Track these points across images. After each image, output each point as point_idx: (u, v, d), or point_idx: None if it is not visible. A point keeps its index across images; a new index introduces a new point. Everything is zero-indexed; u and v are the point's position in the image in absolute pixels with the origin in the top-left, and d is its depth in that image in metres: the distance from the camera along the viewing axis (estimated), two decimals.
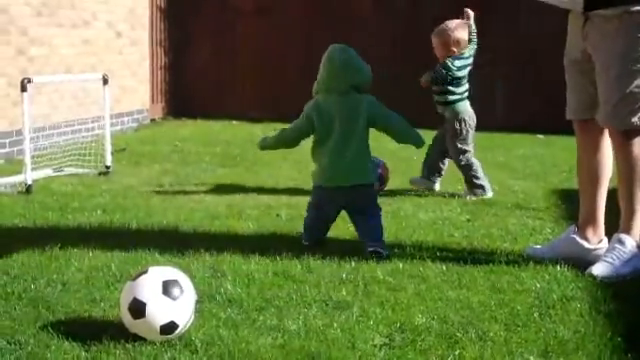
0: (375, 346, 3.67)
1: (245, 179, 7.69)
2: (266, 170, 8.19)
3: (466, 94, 7.01)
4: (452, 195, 6.96)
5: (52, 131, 8.94)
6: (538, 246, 5.21)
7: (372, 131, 5.22)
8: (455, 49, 6.83)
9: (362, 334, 3.78)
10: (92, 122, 9.79)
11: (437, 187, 7.14)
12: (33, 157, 7.33)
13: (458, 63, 6.84)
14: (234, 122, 12.24)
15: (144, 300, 3.57)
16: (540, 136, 10.93)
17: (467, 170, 6.89)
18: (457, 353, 3.57)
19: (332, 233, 5.58)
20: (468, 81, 6.99)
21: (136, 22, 11.75)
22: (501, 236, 5.61)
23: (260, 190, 7.14)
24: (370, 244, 4.97)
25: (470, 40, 6.91)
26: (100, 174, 7.29)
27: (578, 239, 4.99)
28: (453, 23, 6.91)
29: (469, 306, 4.18)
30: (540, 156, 9.38)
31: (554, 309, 4.15)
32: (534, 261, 4.90)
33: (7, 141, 8.73)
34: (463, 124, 6.91)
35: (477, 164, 6.91)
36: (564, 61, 4.95)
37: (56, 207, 6.29)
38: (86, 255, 4.95)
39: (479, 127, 6.47)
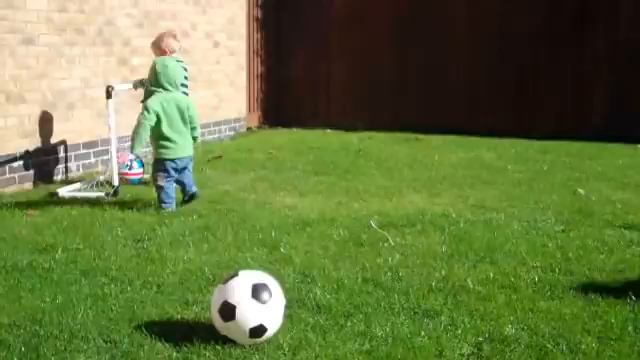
0: (463, 355, 3.65)
1: (337, 186, 7.74)
2: (358, 178, 8.22)
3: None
4: (547, 206, 6.84)
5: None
6: None
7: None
8: (167, 50, 7.58)
9: (450, 343, 3.77)
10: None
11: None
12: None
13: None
14: (328, 131, 12.32)
15: (234, 303, 3.64)
16: None
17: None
18: None
19: (421, 242, 5.57)
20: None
21: (234, 32, 11.99)
22: (596, 247, 5.48)
23: (352, 198, 7.18)
24: (192, 188, 6.74)
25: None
26: (107, 194, 7.07)
27: None
28: (162, 33, 7.89)
29: (561, 317, 4.10)
30: None
31: None
32: (630, 273, 4.77)
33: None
34: None
35: None
36: None
37: (154, 211, 6.47)
38: (181, 258, 5.08)
39: (575, 136, 6.28)
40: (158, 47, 7.81)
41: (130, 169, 7.91)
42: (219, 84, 11.58)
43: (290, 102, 13.11)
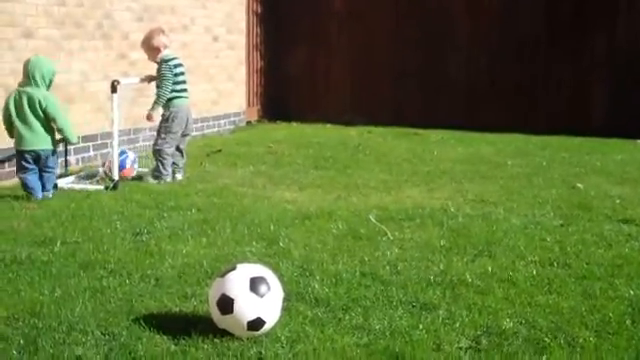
0: (461, 349, 3.65)
1: (337, 181, 7.74)
2: (358, 172, 8.22)
3: (183, 93, 7.80)
4: (546, 200, 6.84)
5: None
6: None
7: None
8: (160, 47, 7.75)
9: (448, 336, 3.77)
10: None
11: (179, 177, 7.82)
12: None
13: (171, 63, 7.73)
14: (328, 125, 12.32)
15: (232, 296, 3.64)
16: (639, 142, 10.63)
17: (156, 155, 7.67)
18: (545, 358, 3.53)
19: (420, 236, 5.57)
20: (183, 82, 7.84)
21: (233, 27, 11.97)
22: (595, 242, 5.48)
23: (351, 192, 7.18)
24: (47, 188, 6.83)
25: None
26: (107, 188, 7.10)
27: None
28: (151, 31, 7.94)
29: (559, 311, 4.11)
30: (639, 162, 9.10)
31: None
32: (629, 268, 4.77)
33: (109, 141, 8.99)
34: (173, 117, 7.69)
35: (169, 154, 7.66)
36: None
37: (153, 205, 6.47)
38: (180, 252, 5.08)
39: (577, 132, 6.34)
40: (149, 45, 7.79)
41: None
42: (218, 78, 11.57)
43: (290, 96, 13.11)
